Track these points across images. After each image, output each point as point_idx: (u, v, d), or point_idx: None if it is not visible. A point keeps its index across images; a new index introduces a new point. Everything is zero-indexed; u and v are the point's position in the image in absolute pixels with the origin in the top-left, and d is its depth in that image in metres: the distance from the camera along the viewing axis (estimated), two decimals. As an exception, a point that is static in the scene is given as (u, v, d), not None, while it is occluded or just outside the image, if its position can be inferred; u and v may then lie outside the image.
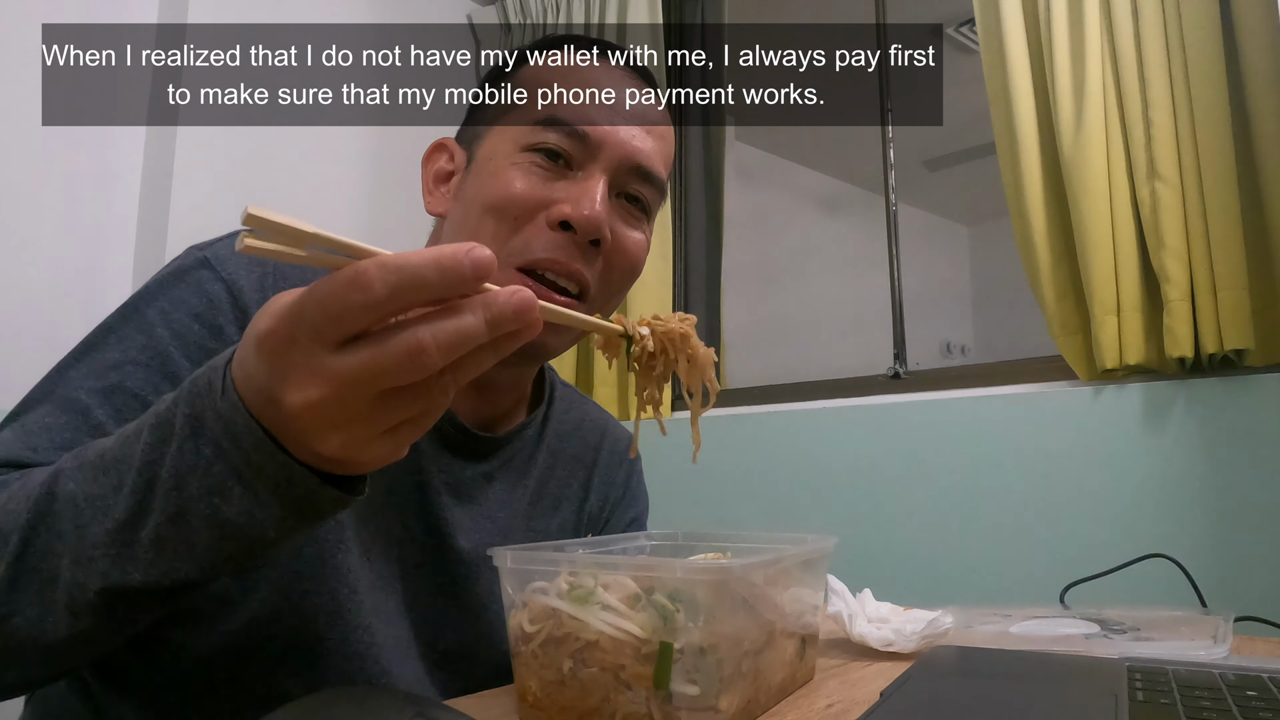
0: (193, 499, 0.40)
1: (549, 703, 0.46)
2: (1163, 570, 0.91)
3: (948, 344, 4.17)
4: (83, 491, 0.43)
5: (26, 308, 1.74)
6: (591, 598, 0.44)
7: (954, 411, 1.78)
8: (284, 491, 0.40)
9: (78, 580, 0.42)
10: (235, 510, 0.40)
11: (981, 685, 0.49)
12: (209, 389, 0.40)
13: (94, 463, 0.44)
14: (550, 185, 0.64)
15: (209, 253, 0.63)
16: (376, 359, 0.34)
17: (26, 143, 1.76)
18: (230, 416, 0.38)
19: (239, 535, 0.41)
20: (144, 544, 0.41)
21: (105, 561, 0.41)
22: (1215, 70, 1.47)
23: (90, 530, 0.42)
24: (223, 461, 0.39)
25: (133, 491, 0.41)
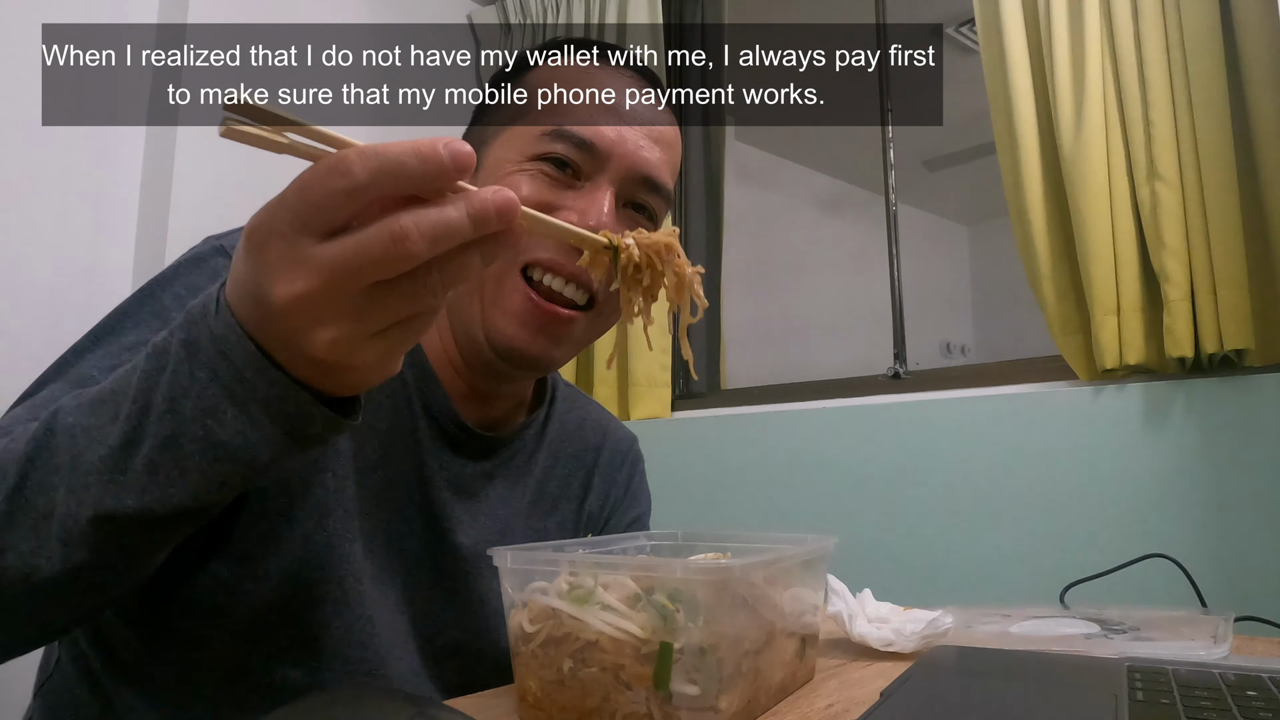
0: (186, 421, 0.40)
1: (549, 703, 0.46)
2: (1163, 570, 0.91)
3: (948, 344, 4.17)
4: (80, 424, 0.43)
5: (26, 308, 1.74)
6: (591, 598, 0.44)
7: (954, 411, 1.78)
8: (276, 409, 0.40)
9: (71, 509, 0.42)
10: (228, 432, 0.40)
11: (981, 685, 0.49)
12: (203, 312, 0.40)
13: (93, 397, 0.44)
14: (558, 193, 0.64)
15: (225, 241, 0.63)
16: (361, 245, 0.35)
17: (26, 143, 1.76)
18: (223, 334, 0.39)
19: (232, 458, 0.41)
20: (137, 469, 0.41)
21: (99, 488, 0.41)
22: (1215, 70, 1.47)
23: (85, 458, 0.42)
24: (216, 383, 0.39)
25: (127, 418, 0.41)
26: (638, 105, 0.68)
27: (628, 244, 0.50)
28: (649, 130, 0.68)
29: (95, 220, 1.86)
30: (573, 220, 0.62)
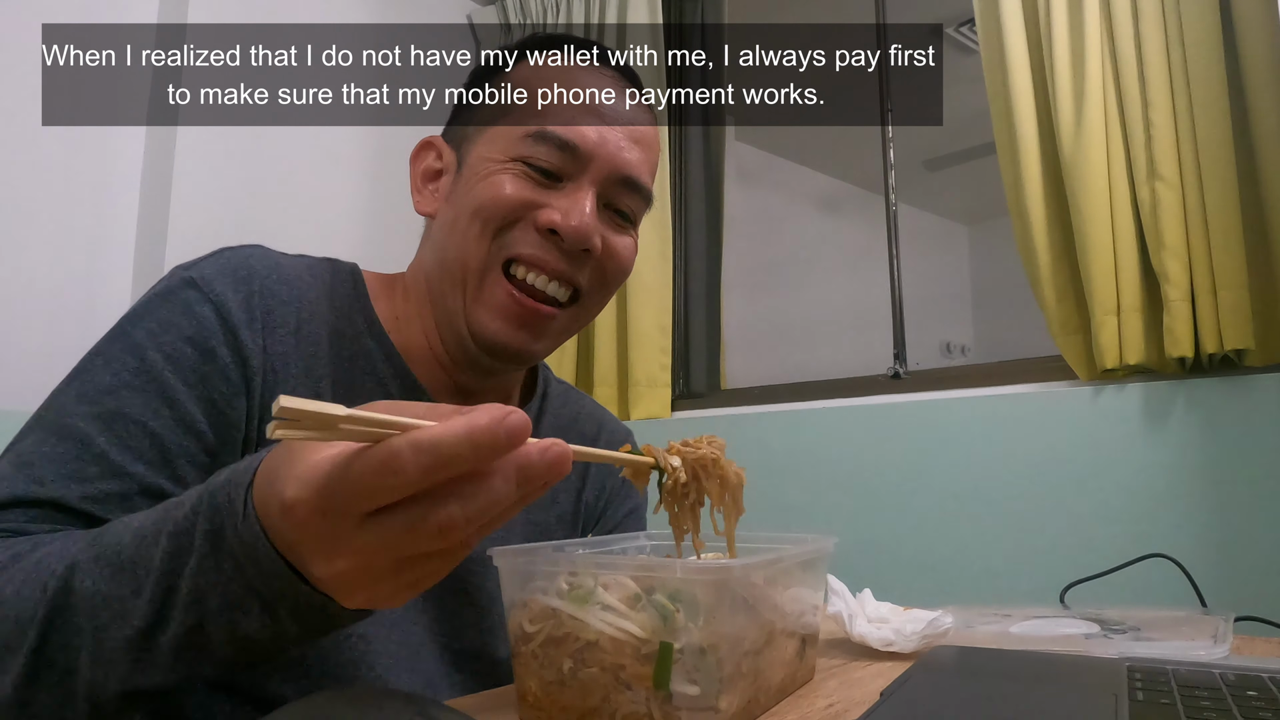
0: (212, 613, 0.40)
1: (549, 703, 0.46)
2: (1163, 570, 0.91)
3: (948, 344, 4.17)
4: (100, 591, 0.43)
5: (26, 308, 1.74)
6: (591, 598, 0.44)
7: (954, 411, 1.78)
8: (305, 615, 0.40)
9: (97, 679, 0.43)
10: (255, 626, 0.40)
11: (981, 685, 0.49)
12: (229, 507, 0.39)
13: (111, 560, 0.43)
14: (540, 192, 0.65)
15: (194, 273, 0.62)
16: (407, 537, 0.34)
17: (26, 143, 1.76)
18: (251, 542, 0.38)
19: (257, 647, 0.42)
20: (164, 650, 0.42)
21: (125, 665, 0.42)
22: (1215, 70, 1.48)
23: (110, 633, 0.42)
24: (241, 580, 0.39)
25: (151, 600, 0.41)
26: (618, 105, 0.69)
27: (674, 466, 0.49)
28: (630, 131, 0.68)
29: (95, 220, 1.86)
30: (555, 220, 0.63)
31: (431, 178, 0.72)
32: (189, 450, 0.57)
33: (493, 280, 0.65)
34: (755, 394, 2.23)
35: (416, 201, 0.72)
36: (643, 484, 0.50)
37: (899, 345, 2.08)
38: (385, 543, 0.34)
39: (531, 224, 0.64)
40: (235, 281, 0.62)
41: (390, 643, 0.62)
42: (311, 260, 0.70)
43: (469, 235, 0.65)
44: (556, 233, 0.64)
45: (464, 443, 0.32)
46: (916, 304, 2.23)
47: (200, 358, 0.59)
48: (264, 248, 0.67)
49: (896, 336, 2.09)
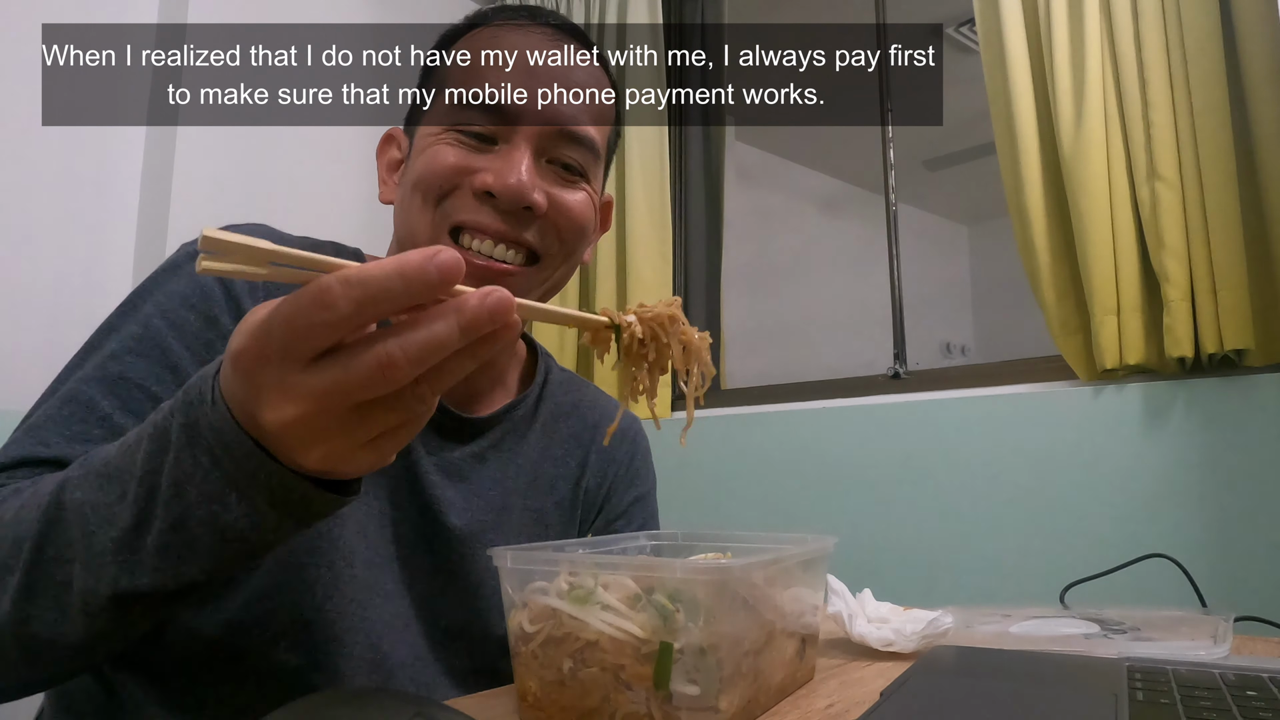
0: (191, 506, 0.41)
1: (549, 703, 0.46)
2: (1163, 570, 0.91)
3: (948, 344, 4.17)
4: (88, 500, 0.44)
5: (26, 308, 1.74)
6: (591, 598, 0.44)
7: (954, 411, 1.78)
8: (279, 498, 0.40)
9: (90, 586, 0.43)
10: (234, 516, 0.40)
11: (981, 685, 0.49)
12: (200, 398, 0.40)
13: (99, 470, 0.45)
14: (474, 157, 0.65)
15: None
16: (346, 375, 0.34)
17: (26, 143, 1.76)
18: (220, 427, 0.39)
19: (239, 539, 0.41)
20: (149, 550, 0.42)
21: (114, 568, 0.43)
22: (1215, 70, 1.48)
23: (98, 538, 0.43)
24: (218, 470, 0.40)
25: (135, 500, 0.42)
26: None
27: (629, 321, 0.48)
28: (564, 82, 0.67)
29: (95, 220, 1.86)
30: (488, 182, 0.63)
31: (394, 168, 0.74)
32: None
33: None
34: (755, 394, 2.23)
35: (381, 192, 0.74)
36: (604, 349, 0.49)
37: (899, 345, 2.08)
38: (327, 385, 0.34)
39: (469, 189, 0.65)
40: None
41: (385, 612, 0.64)
42: (315, 242, 0.71)
43: (412, 209, 0.66)
44: (492, 194, 0.64)
45: (394, 276, 0.33)
46: (916, 304, 2.23)
47: (203, 324, 0.61)
48: (269, 226, 0.68)
49: (896, 336, 2.09)
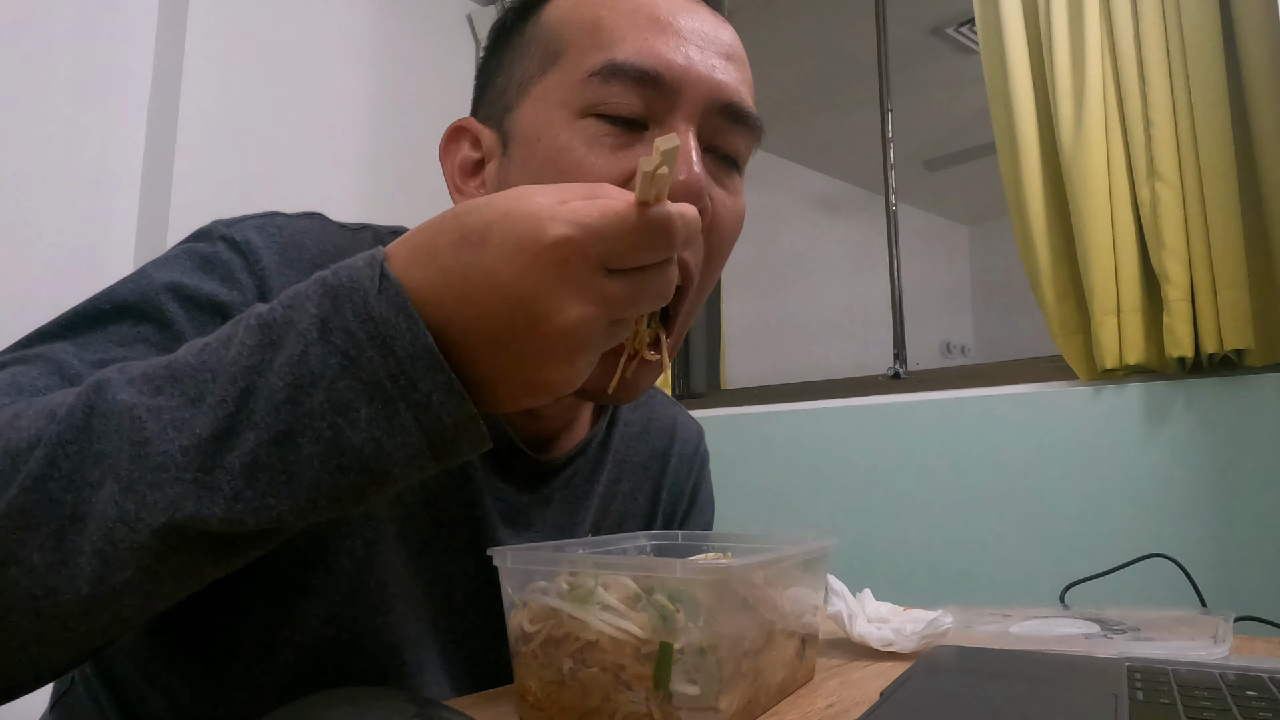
0: (309, 416, 0.32)
1: (549, 703, 0.46)
2: (1163, 570, 0.91)
3: (948, 344, 4.17)
4: (142, 402, 0.33)
5: (26, 307, 1.74)
6: (591, 598, 0.44)
7: (954, 411, 1.78)
8: (432, 416, 0.33)
9: (126, 515, 0.32)
10: (361, 436, 0.33)
11: (981, 685, 0.49)
12: (351, 285, 0.34)
13: (158, 373, 0.35)
14: (625, 155, 0.50)
15: (238, 234, 0.51)
16: (641, 288, 0.36)
17: (26, 143, 1.76)
18: (388, 317, 0.33)
19: (360, 467, 0.33)
20: (232, 468, 0.32)
21: (177, 487, 0.32)
22: (1215, 70, 1.48)
23: (154, 448, 0.33)
24: (353, 373, 0.33)
25: (220, 403, 0.33)
26: (695, 16, 0.53)
27: None
28: (716, 44, 0.53)
29: (95, 220, 1.86)
30: None
31: (471, 171, 0.57)
32: None
33: None
34: (755, 394, 2.23)
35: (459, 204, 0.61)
36: None
37: (899, 345, 2.08)
38: (629, 291, 0.36)
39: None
40: (284, 260, 0.51)
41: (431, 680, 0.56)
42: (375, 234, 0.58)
43: None
44: None
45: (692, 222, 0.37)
46: (916, 304, 2.23)
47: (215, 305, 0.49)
48: (322, 219, 0.57)
49: (896, 336, 2.09)
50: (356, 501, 0.34)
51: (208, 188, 1.93)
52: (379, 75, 2.31)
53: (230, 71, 1.99)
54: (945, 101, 3.37)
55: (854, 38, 2.67)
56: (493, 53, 0.59)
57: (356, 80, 2.26)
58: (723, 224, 0.53)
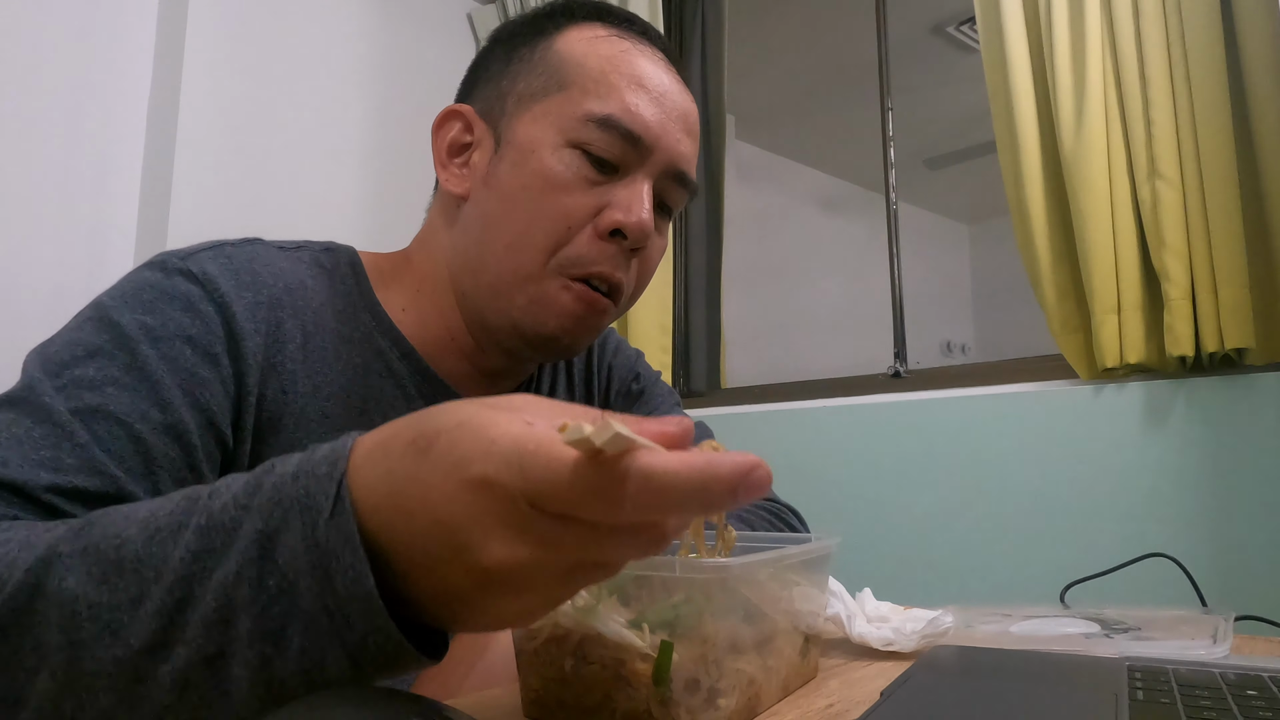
0: (239, 642, 0.32)
1: (550, 700, 0.46)
2: (1163, 570, 0.91)
3: (948, 343, 4.17)
4: (84, 595, 0.33)
5: (26, 308, 1.74)
6: (594, 614, 0.44)
7: (954, 411, 1.78)
8: (367, 654, 0.32)
9: (63, 713, 0.33)
10: (291, 668, 0.32)
11: (981, 685, 0.49)
12: (305, 502, 0.32)
13: (107, 555, 0.34)
14: (599, 190, 0.61)
15: (194, 266, 0.56)
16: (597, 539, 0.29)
17: (26, 142, 1.76)
18: (336, 548, 0.31)
19: (286, 690, 0.32)
20: (163, 684, 0.32)
21: (109, 697, 0.32)
22: (1216, 68, 1.48)
23: (89, 653, 0.33)
24: (286, 600, 0.31)
25: (158, 613, 0.32)
26: (674, 92, 0.64)
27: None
28: (684, 121, 0.64)
29: (95, 220, 1.86)
30: (617, 219, 0.60)
31: (457, 151, 0.66)
32: (174, 462, 0.51)
33: (558, 285, 0.61)
34: (755, 393, 2.23)
35: (444, 179, 0.65)
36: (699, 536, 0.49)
37: (899, 344, 2.08)
38: (584, 539, 0.29)
39: (592, 230, 0.61)
40: (239, 285, 0.57)
41: None
42: (311, 253, 0.65)
43: (528, 234, 0.61)
44: (622, 233, 0.61)
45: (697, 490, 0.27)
46: (917, 303, 2.23)
47: (200, 361, 0.53)
48: (263, 244, 0.62)
49: (897, 335, 2.09)
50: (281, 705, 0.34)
51: (208, 188, 1.93)
52: (379, 75, 2.30)
53: (230, 71, 1.99)
54: (945, 100, 3.37)
55: (854, 37, 2.67)
56: (497, 51, 0.67)
57: (356, 79, 2.26)
58: (651, 259, 0.66)
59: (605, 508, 0.27)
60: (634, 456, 0.27)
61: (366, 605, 0.31)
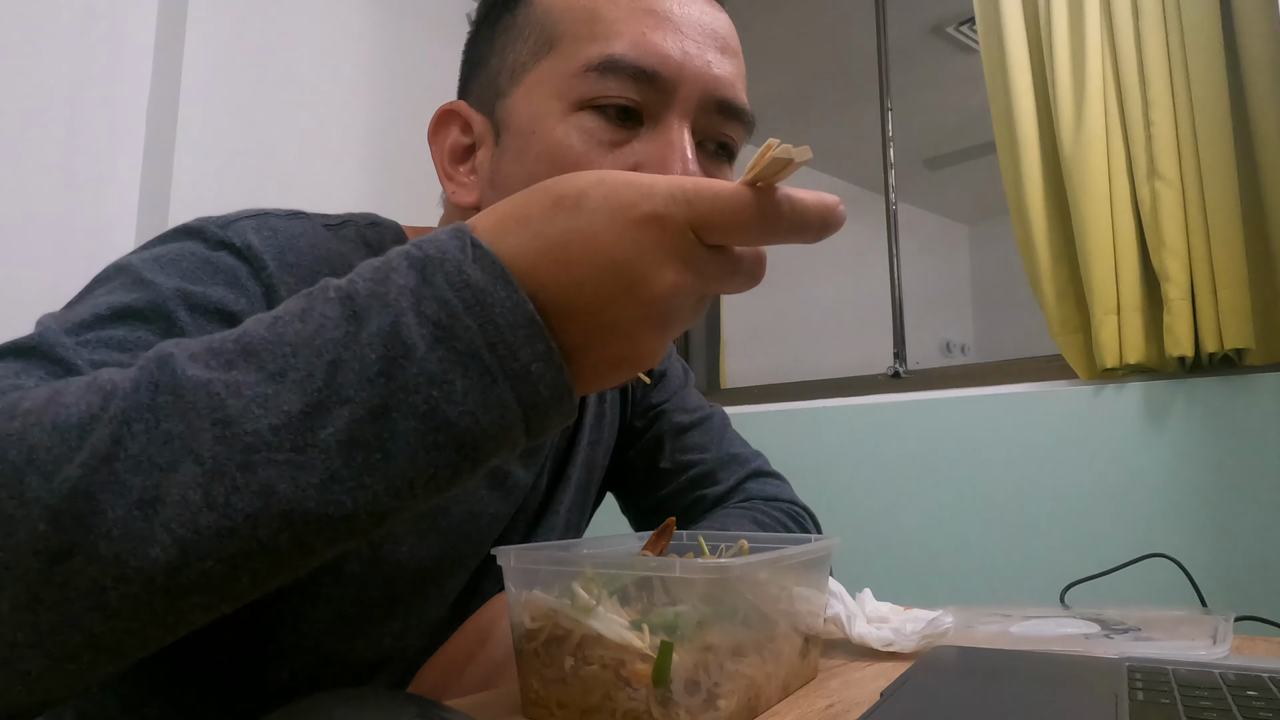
0: (404, 389, 0.31)
1: (550, 700, 0.46)
2: (1163, 570, 0.91)
3: (948, 343, 4.17)
4: (218, 378, 0.30)
5: (26, 308, 1.73)
6: (593, 612, 0.44)
7: (954, 411, 1.78)
8: (530, 388, 0.32)
9: (213, 499, 0.29)
10: (458, 409, 0.31)
11: (981, 685, 0.49)
12: (442, 257, 0.32)
13: (222, 349, 0.32)
14: (621, 151, 0.50)
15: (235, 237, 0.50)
16: (736, 263, 0.35)
17: (26, 142, 1.76)
18: (486, 286, 0.32)
19: (454, 443, 0.31)
20: (327, 446, 0.30)
21: (270, 469, 0.29)
22: (1215, 69, 1.48)
23: (240, 427, 0.30)
24: (449, 344, 0.31)
25: (309, 377, 0.30)
26: (691, 8, 0.52)
27: None
28: (713, 38, 0.52)
29: (95, 220, 1.86)
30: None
31: (461, 156, 0.57)
32: None
33: None
34: (755, 393, 2.23)
35: (451, 192, 0.56)
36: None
37: (899, 344, 2.08)
38: (721, 269, 0.35)
39: None
40: (284, 266, 0.50)
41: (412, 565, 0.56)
42: (356, 228, 0.58)
43: None
44: None
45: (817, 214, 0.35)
46: (917, 303, 2.23)
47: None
48: (309, 219, 0.55)
49: (896, 336, 2.09)
50: (448, 483, 0.33)
51: (208, 187, 1.93)
52: (379, 72, 2.30)
53: (230, 70, 1.99)
54: (945, 101, 3.37)
55: (854, 37, 2.67)
56: (481, 32, 0.58)
57: (356, 77, 2.26)
58: None
59: (766, 226, 0.34)
60: (781, 186, 0.34)
61: (530, 330, 0.32)
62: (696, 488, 0.79)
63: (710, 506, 0.78)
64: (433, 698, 0.40)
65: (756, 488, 0.80)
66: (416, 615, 0.58)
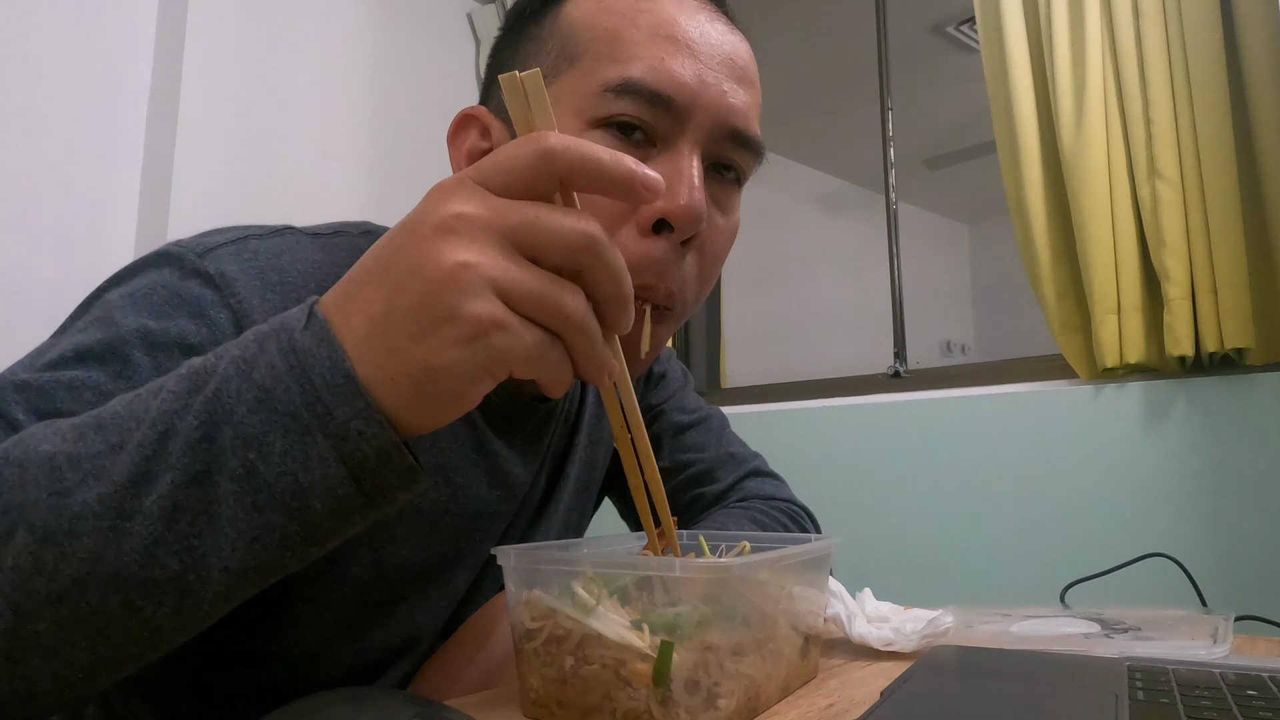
0: (223, 453, 0.32)
1: (550, 700, 0.46)
2: (1163, 570, 0.91)
3: (948, 343, 4.17)
4: (61, 451, 0.33)
5: (26, 308, 1.74)
6: (594, 610, 0.44)
7: (954, 411, 1.78)
8: (351, 445, 0.32)
9: (43, 565, 0.31)
10: (275, 470, 0.32)
11: (981, 685, 0.49)
12: (280, 326, 0.34)
13: (84, 422, 0.34)
14: None
15: (211, 266, 0.49)
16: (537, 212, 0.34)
17: (26, 142, 1.76)
18: (309, 348, 0.33)
19: (276, 505, 0.32)
20: (150, 513, 0.31)
21: (94, 538, 0.31)
22: (1216, 68, 1.48)
23: (73, 498, 0.32)
24: (270, 406, 0.32)
25: (140, 447, 0.32)
26: (711, 35, 0.52)
27: None
28: (730, 67, 0.52)
29: (95, 220, 1.86)
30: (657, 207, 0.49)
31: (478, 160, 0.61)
32: None
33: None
34: (755, 393, 2.23)
35: None
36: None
37: (899, 344, 2.08)
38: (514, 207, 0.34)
39: (634, 227, 0.50)
40: (264, 286, 0.49)
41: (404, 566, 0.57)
42: (349, 238, 0.56)
43: None
44: (669, 224, 0.49)
45: (609, 157, 0.35)
46: (917, 303, 2.23)
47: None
48: (294, 234, 0.54)
49: (897, 335, 2.09)
50: (295, 545, 0.33)
51: (208, 187, 1.93)
52: (379, 74, 2.30)
53: (230, 71, 1.99)
54: (945, 100, 3.37)
55: (854, 37, 2.67)
56: (507, 39, 0.58)
57: (356, 79, 2.26)
58: (715, 245, 0.54)
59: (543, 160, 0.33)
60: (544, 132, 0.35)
61: (348, 388, 0.32)
62: (694, 486, 0.79)
63: (708, 505, 0.78)
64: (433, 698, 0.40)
65: (754, 486, 0.80)
66: (421, 615, 0.58)
